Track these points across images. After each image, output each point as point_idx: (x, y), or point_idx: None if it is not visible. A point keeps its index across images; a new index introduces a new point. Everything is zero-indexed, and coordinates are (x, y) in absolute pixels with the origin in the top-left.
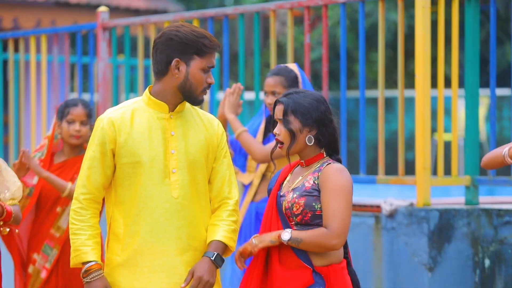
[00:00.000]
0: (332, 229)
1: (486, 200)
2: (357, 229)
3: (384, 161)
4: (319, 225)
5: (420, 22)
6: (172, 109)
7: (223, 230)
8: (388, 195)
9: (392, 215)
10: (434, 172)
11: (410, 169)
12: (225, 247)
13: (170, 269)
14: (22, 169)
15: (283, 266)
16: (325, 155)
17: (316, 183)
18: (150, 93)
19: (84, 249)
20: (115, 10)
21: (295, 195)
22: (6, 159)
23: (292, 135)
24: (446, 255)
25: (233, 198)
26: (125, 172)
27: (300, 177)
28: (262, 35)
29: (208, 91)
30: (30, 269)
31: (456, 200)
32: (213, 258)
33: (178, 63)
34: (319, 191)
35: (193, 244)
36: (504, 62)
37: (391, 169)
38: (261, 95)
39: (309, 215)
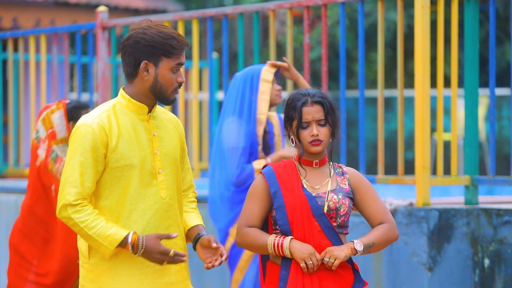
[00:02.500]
0: (391, 222)
1: (486, 200)
2: (357, 229)
3: (384, 161)
4: (347, 226)
5: (419, 21)
6: (150, 110)
7: (198, 217)
8: (388, 195)
9: (391, 214)
10: (434, 171)
11: (409, 168)
12: None
13: (161, 269)
14: None
15: (326, 270)
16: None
17: (350, 185)
18: (127, 94)
19: (112, 231)
20: (114, 10)
21: (340, 196)
22: (5, 158)
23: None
24: (445, 254)
25: (194, 185)
26: (114, 176)
27: (329, 178)
28: (262, 34)
29: (179, 90)
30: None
31: (455, 199)
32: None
33: (147, 65)
34: (352, 193)
35: (178, 243)
36: (504, 61)
37: (390, 169)
38: None
39: (347, 216)
